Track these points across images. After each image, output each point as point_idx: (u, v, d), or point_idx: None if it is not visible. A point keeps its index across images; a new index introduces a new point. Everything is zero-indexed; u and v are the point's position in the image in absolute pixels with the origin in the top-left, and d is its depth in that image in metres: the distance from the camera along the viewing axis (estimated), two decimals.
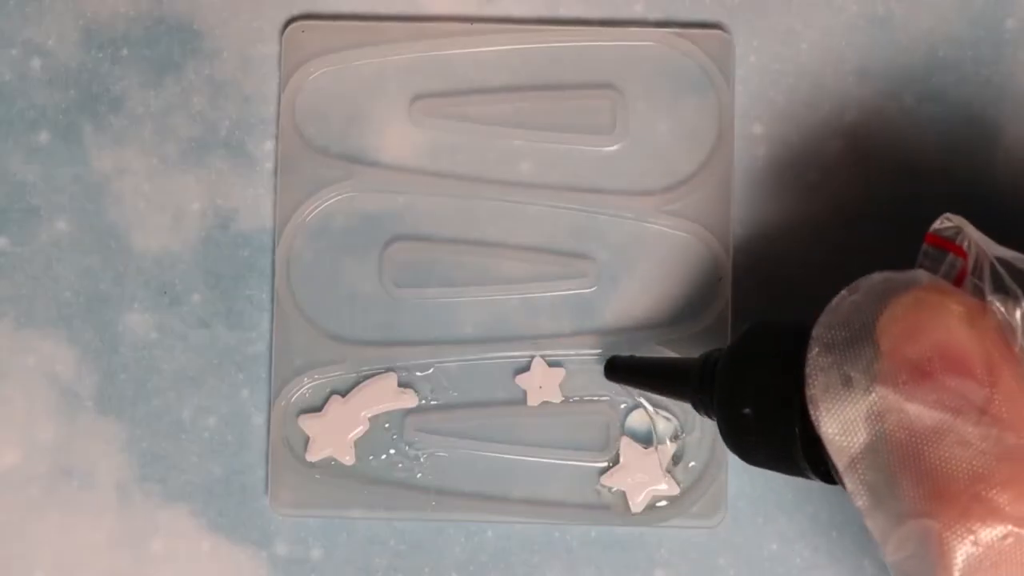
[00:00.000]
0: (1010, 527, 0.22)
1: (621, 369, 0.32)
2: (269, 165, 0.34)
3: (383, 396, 0.33)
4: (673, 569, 0.33)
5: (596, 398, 0.33)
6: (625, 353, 0.32)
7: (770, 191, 0.33)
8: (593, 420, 0.33)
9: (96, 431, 0.33)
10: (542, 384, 0.33)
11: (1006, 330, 0.23)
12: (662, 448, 0.33)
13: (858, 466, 0.24)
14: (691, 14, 0.34)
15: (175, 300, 0.33)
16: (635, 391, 0.32)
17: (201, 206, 0.34)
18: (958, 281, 0.25)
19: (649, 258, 0.33)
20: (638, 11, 0.34)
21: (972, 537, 0.22)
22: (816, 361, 0.25)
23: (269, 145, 0.34)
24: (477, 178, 0.34)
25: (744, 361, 0.28)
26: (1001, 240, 0.33)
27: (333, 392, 0.33)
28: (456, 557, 0.33)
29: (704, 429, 0.33)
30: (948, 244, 0.26)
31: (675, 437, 0.33)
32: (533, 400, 0.33)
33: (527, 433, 0.33)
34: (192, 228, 0.34)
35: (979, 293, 0.24)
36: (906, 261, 0.33)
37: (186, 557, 0.33)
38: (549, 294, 0.33)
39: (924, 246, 0.26)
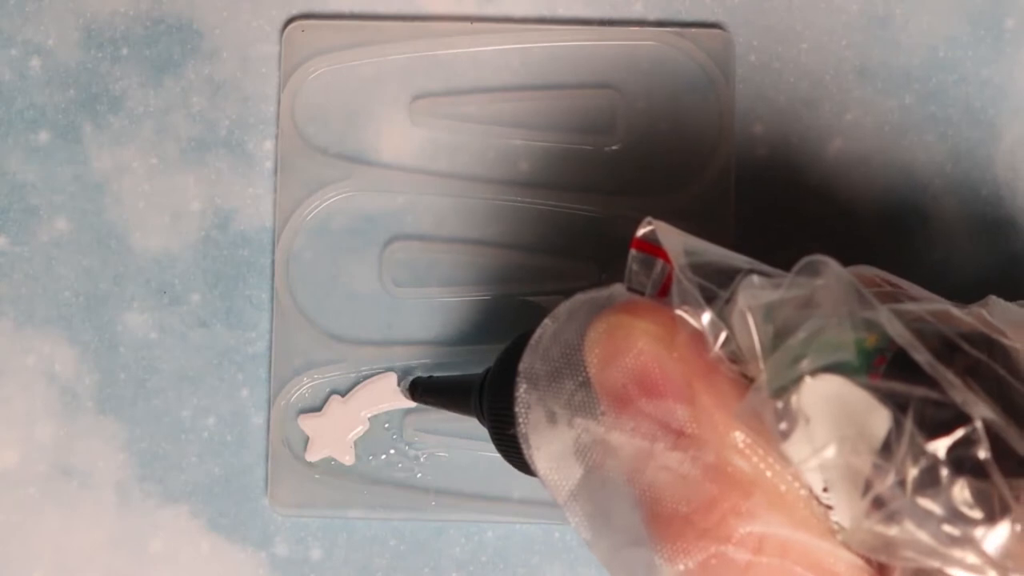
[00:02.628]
0: (716, 548, 0.21)
1: (421, 390, 0.32)
2: (269, 165, 0.34)
3: (383, 396, 0.33)
4: None
5: None
6: (425, 373, 0.32)
7: (770, 191, 0.33)
8: None
9: (96, 431, 0.33)
10: None
11: (698, 341, 0.22)
12: None
13: (576, 500, 0.23)
14: (691, 14, 0.34)
15: (175, 300, 0.33)
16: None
17: (201, 206, 0.34)
18: (666, 287, 0.24)
19: None
20: (638, 11, 0.34)
21: (683, 563, 0.21)
22: (523, 398, 0.24)
23: (269, 145, 0.34)
24: (477, 178, 0.34)
25: (500, 382, 0.27)
26: (1003, 240, 0.33)
27: (333, 392, 0.33)
28: (456, 557, 0.33)
29: None
30: (655, 249, 0.24)
31: None
32: None
33: None
34: (192, 228, 0.34)
35: (683, 288, 0.23)
36: (906, 260, 0.33)
37: (186, 557, 0.33)
38: (549, 294, 0.33)
39: (632, 252, 0.25)
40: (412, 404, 0.33)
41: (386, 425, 0.33)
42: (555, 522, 0.33)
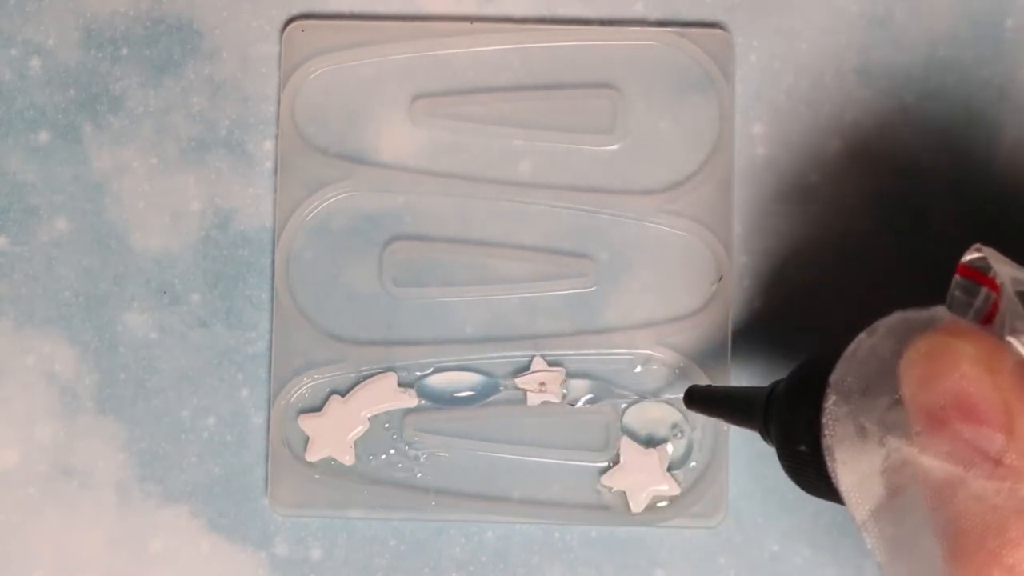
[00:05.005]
0: None
1: (698, 398, 0.31)
2: (269, 165, 0.34)
3: (383, 396, 0.33)
4: (673, 569, 0.33)
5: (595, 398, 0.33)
6: (703, 383, 0.32)
7: (770, 191, 0.33)
8: (593, 420, 0.33)
9: (96, 431, 0.33)
10: (542, 384, 0.33)
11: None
12: (662, 448, 0.33)
13: (876, 520, 0.23)
14: (691, 13, 0.34)
15: (175, 300, 0.33)
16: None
17: (201, 206, 0.34)
18: (990, 315, 0.24)
19: (649, 258, 0.33)
20: (638, 10, 0.34)
21: None
22: (832, 411, 0.23)
23: (269, 145, 0.34)
24: (477, 178, 0.34)
25: (796, 397, 0.27)
26: (1003, 240, 0.33)
27: (333, 392, 0.33)
28: (456, 557, 0.33)
29: (705, 429, 0.33)
30: (980, 276, 0.24)
31: (676, 427, 0.33)
32: (533, 400, 0.33)
33: (527, 433, 0.33)
34: (191, 228, 0.34)
35: (1014, 318, 0.23)
36: (905, 261, 0.33)
37: (186, 557, 0.33)
38: (549, 294, 0.33)
39: (956, 277, 0.25)
40: (412, 404, 0.33)
41: (386, 425, 0.33)
42: (555, 522, 0.33)
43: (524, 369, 0.33)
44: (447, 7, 0.34)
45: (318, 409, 0.33)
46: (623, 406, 0.33)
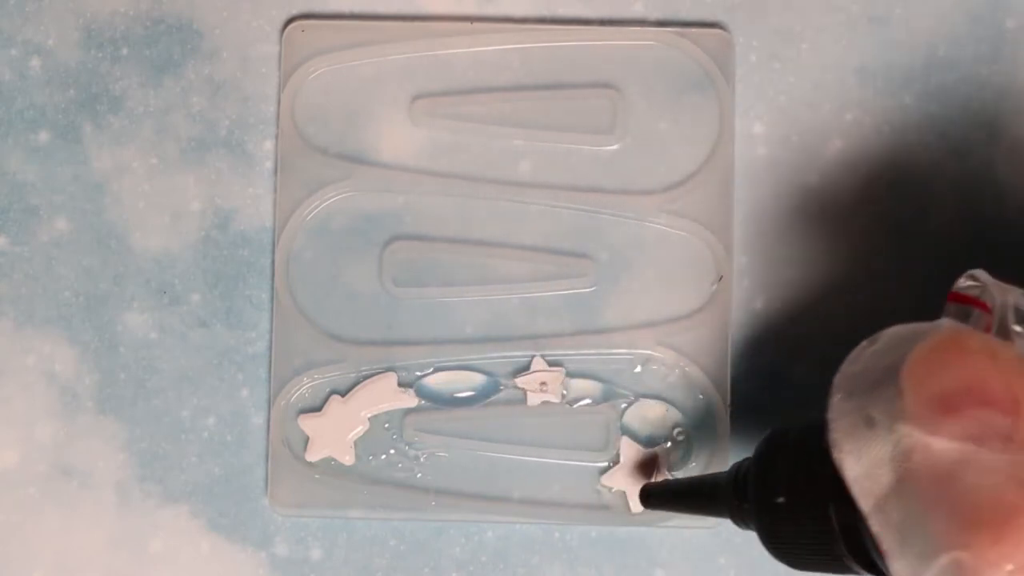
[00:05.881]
0: None
1: (655, 496, 0.31)
2: (269, 165, 0.34)
3: (383, 396, 0.33)
4: (673, 569, 0.33)
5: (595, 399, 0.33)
6: (658, 478, 0.32)
7: (770, 191, 0.33)
8: (593, 420, 0.33)
9: (96, 431, 0.33)
10: (542, 384, 0.33)
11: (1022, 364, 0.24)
12: (662, 448, 0.33)
13: (884, 507, 0.24)
14: (691, 13, 0.34)
15: (175, 300, 0.33)
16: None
17: (201, 206, 0.34)
18: (985, 331, 0.26)
19: (649, 258, 0.33)
20: (638, 10, 0.34)
21: (1009, 566, 0.22)
22: (839, 406, 0.25)
23: (269, 145, 0.34)
24: (477, 178, 0.34)
25: (770, 454, 0.28)
26: (1003, 240, 0.33)
27: (333, 392, 0.33)
28: (456, 557, 0.33)
29: (706, 428, 0.33)
30: (972, 300, 0.27)
31: (676, 427, 0.33)
32: (533, 400, 0.33)
33: (527, 433, 0.33)
34: (191, 228, 0.34)
35: (1004, 336, 0.26)
36: (905, 261, 0.33)
37: (185, 557, 0.33)
38: (549, 294, 0.33)
39: (947, 304, 0.27)
40: (412, 404, 0.33)
41: (386, 425, 0.33)
42: (555, 522, 0.33)
43: (524, 369, 0.33)
44: (447, 7, 0.34)
45: (318, 409, 0.33)
46: (623, 406, 0.33)
